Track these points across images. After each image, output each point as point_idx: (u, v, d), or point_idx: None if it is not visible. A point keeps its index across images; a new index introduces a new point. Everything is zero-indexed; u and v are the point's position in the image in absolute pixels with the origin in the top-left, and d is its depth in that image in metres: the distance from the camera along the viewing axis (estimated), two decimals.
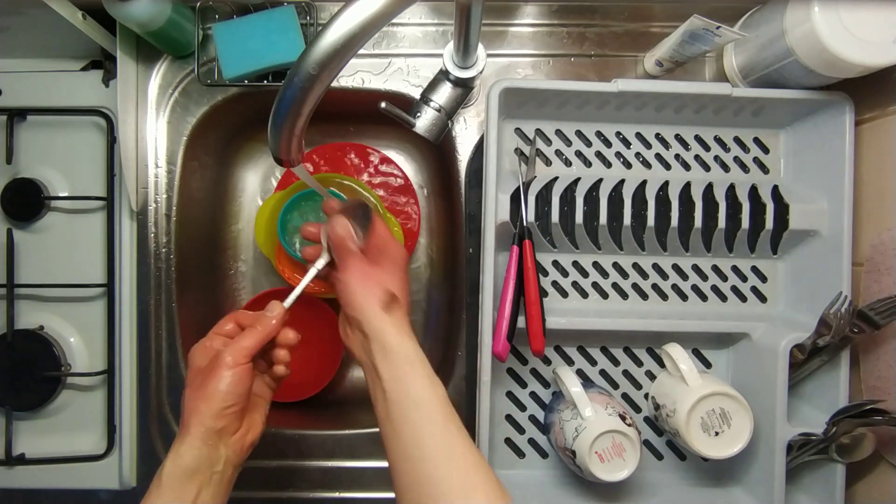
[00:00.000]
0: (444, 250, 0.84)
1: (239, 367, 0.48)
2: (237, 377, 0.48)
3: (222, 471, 0.48)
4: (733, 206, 0.65)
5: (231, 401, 0.48)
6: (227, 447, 0.48)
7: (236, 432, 0.49)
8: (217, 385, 0.47)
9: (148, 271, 0.70)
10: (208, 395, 0.47)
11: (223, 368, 0.47)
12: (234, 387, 0.48)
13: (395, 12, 0.36)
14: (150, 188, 0.71)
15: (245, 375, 0.48)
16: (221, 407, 0.47)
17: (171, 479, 0.46)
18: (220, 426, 0.47)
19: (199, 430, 0.47)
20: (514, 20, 0.71)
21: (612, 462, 0.59)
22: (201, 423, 0.47)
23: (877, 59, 0.53)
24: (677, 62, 0.65)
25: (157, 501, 0.46)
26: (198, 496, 0.47)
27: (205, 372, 0.49)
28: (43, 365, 0.69)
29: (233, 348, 0.48)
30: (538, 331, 0.61)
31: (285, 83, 0.38)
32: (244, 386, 0.49)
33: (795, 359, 0.61)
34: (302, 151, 0.45)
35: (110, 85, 0.70)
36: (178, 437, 0.48)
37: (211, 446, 0.47)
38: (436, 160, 0.83)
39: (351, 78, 0.71)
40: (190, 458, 0.46)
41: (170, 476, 0.46)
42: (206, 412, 0.47)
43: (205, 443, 0.47)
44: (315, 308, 0.77)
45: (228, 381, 0.47)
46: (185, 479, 0.46)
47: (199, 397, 0.48)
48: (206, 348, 0.51)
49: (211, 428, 0.47)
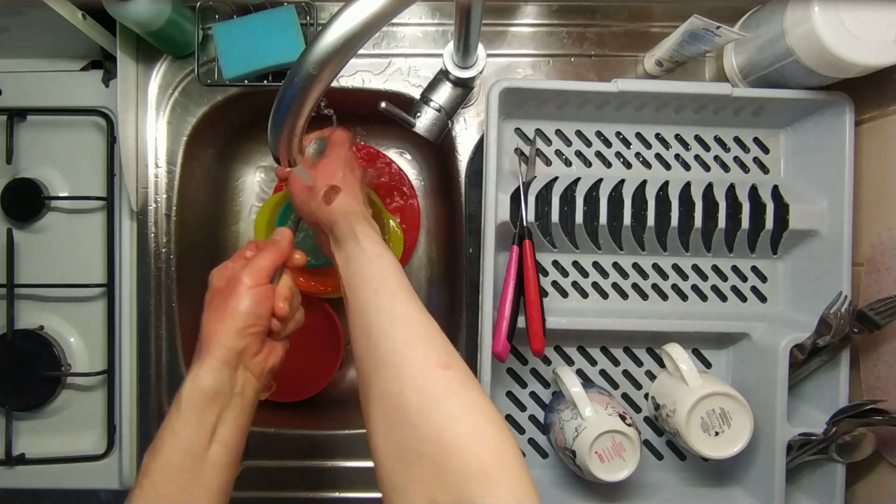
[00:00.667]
0: (444, 250, 0.84)
1: (259, 287, 0.48)
2: (258, 297, 0.48)
3: (243, 393, 0.47)
4: (733, 206, 0.65)
5: (252, 321, 0.47)
6: (247, 369, 0.48)
7: (257, 354, 0.49)
8: (237, 305, 0.47)
9: (148, 271, 0.70)
10: (229, 314, 0.47)
11: (243, 288, 0.47)
12: (255, 307, 0.47)
13: (395, 12, 0.36)
14: (150, 188, 0.71)
15: (265, 296, 0.48)
16: (243, 326, 0.47)
17: (191, 401, 0.45)
18: (242, 346, 0.47)
19: (220, 352, 0.46)
20: (514, 20, 0.71)
21: (612, 462, 0.59)
22: (222, 344, 0.46)
23: (877, 59, 0.53)
24: (677, 62, 0.65)
25: (176, 424, 0.44)
26: (219, 419, 0.45)
27: (224, 293, 0.48)
28: (43, 365, 0.69)
29: (251, 268, 0.49)
30: (538, 331, 0.61)
31: (285, 83, 0.38)
32: (265, 307, 0.48)
33: (795, 359, 0.61)
34: (302, 151, 0.45)
35: (110, 85, 0.70)
36: (196, 361, 0.47)
37: (232, 367, 0.46)
38: (436, 160, 0.83)
39: (351, 78, 0.71)
40: (210, 381, 0.45)
41: (189, 399, 0.45)
42: (228, 332, 0.46)
43: (226, 364, 0.46)
44: (315, 308, 0.77)
45: (249, 301, 0.47)
46: (205, 401, 0.45)
47: (219, 318, 0.47)
48: (226, 269, 0.51)
49: (232, 348, 0.46)
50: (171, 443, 0.44)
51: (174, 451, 0.44)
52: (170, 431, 0.44)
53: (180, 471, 0.43)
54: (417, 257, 0.85)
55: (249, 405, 0.48)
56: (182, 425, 0.44)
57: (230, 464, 0.46)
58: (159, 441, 0.44)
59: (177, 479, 0.43)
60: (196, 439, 0.44)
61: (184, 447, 0.44)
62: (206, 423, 0.45)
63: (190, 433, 0.44)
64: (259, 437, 0.70)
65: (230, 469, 0.46)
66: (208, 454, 0.44)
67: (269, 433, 0.71)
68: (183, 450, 0.44)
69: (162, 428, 0.45)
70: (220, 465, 0.45)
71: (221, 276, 0.50)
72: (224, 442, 0.45)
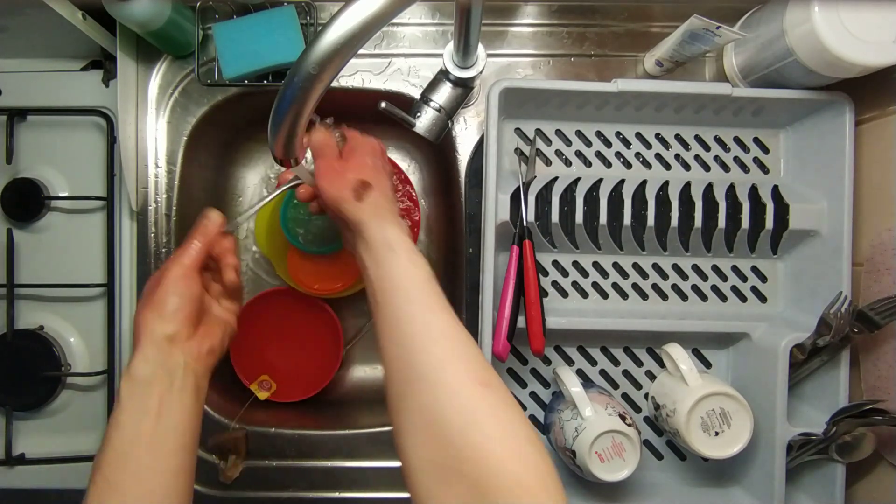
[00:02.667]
0: (444, 250, 0.84)
1: (182, 271, 0.48)
2: (181, 280, 0.48)
3: (183, 378, 0.47)
4: (733, 206, 0.65)
5: (177, 303, 0.47)
6: (182, 353, 0.47)
7: (190, 338, 0.48)
8: (162, 293, 0.47)
9: (148, 271, 0.70)
10: (155, 303, 0.47)
11: (166, 276, 0.48)
12: (179, 289, 0.48)
13: (395, 12, 0.36)
14: (150, 188, 0.71)
15: (189, 278, 0.49)
16: (169, 310, 0.47)
17: (129, 391, 0.45)
18: (171, 331, 0.47)
19: (149, 339, 0.46)
20: (514, 20, 0.71)
21: (612, 462, 0.59)
22: (151, 332, 0.46)
23: (877, 59, 0.53)
24: (677, 62, 0.65)
25: (119, 416, 0.44)
26: (161, 405, 0.45)
27: (152, 286, 0.49)
28: (43, 365, 0.69)
29: (174, 257, 0.49)
30: (538, 331, 0.61)
31: (285, 83, 0.38)
32: (190, 289, 0.48)
33: (795, 359, 0.61)
34: (302, 151, 0.45)
35: (110, 85, 0.70)
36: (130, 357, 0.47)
37: (164, 353, 0.46)
38: (436, 160, 0.83)
39: (351, 78, 0.71)
40: (143, 369, 0.45)
41: (126, 391, 0.45)
42: (155, 318, 0.47)
43: (158, 350, 0.46)
44: (315, 308, 0.77)
45: (172, 285, 0.48)
46: (142, 390, 0.45)
47: (146, 309, 0.47)
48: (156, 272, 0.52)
49: (161, 333, 0.46)
50: (116, 434, 0.44)
51: (121, 442, 0.44)
52: (113, 425, 0.45)
53: (130, 458, 0.44)
54: None
55: (192, 391, 0.48)
56: (123, 416, 0.45)
57: (184, 447, 0.46)
58: (105, 437, 0.44)
59: (127, 468, 0.43)
60: (139, 426, 0.44)
61: (129, 436, 0.44)
62: (147, 410, 0.45)
63: (132, 422, 0.44)
64: (259, 437, 0.70)
65: (185, 452, 0.46)
66: (156, 440, 0.45)
67: (269, 433, 0.71)
68: (129, 439, 0.44)
69: (107, 425, 0.45)
70: (173, 450, 0.45)
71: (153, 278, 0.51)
72: (172, 426, 0.46)
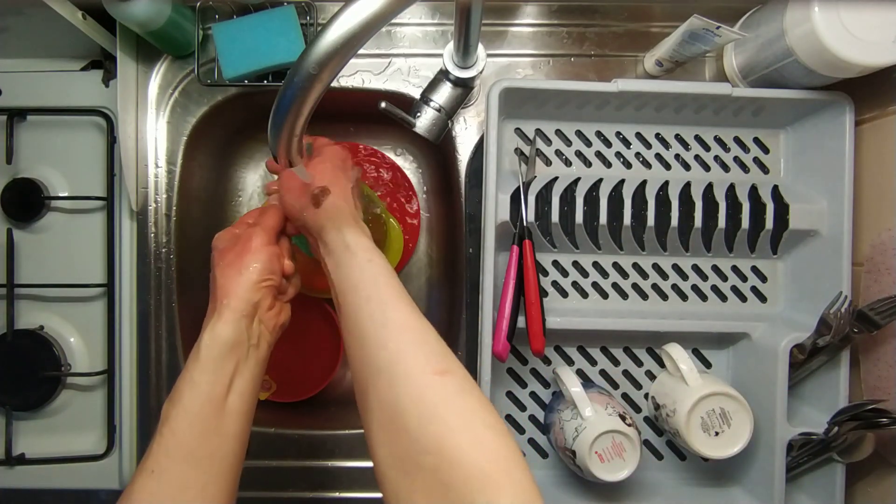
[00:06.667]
0: (444, 250, 0.84)
1: (269, 245, 0.50)
2: (270, 253, 0.50)
3: (258, 345, 0.49)
4: (733, 206, 0.65)
5: (266, 275, 0.49)
6: (261, 322, 0.49)
7: (271, 309, 0.50)
8: (251, 261, 0.49)
9: (148, 271, 0.70)
10: (245, 268, 0.48)
11: (258, 243, 0.50)
12: (268, 263, 0.50)
13: (395, 12, 0.36)
14: (150, 188, 0.71)
15: (275, 253, 0.51)
16: (258, 280, 0.48)
17: (210, 351, 0.46)
18: (257, 299, 0.48)
19: (238, 303, 0.47)
20: (514, 20, 0.71)
21: (612, 462, 0.59)
22: (240, 297, 0.48)
23: (877, 59, 0.53)
24: (677, 62, 0.65)
25: (196, 374, 0.45)
26: (236, 371, 0.47)
27: (236, 251, 0.50)
28: (43, 365, 0.69)
29: (261, 228, 0.51)
30: (538, 331, 0.61)
31: (285, 83, 0.38)
32: (277, 263, 0.51)
33: (795, 359, 0.61)
34: (302, 151, 0.45)
35: (110, 85, 0.70)
36: (211, 316, 0.48)
37: (249, 319, 0.48)
38: (436, 160, 0.83)
39: (351, 78, 0.71)
40: (227, 333, 0.46)
41: (209, 349, 0.46)
42: (245, 284, 0.48)
43: (244, 315, 0.47)
44: (315, 308, 0.77)
45: (264, 256, 0.49)
46: (224, 351, 0.46)
47: (232, 274, 0.48)
48: (231, 233, 0.53)
49: (249, 300, 0.48)
50: (190, 392, 0.45)
51: (193, 400, 0.45)
52: (188, 381, 0.45)
53: (199, 418, 0.44)
54: (417, 257, 0.85)
55: (263, 358, 0.50)
56: (201, 375, 0.45)
57: (246, 412, 0.47)
58: (177, 391, 0.45)
59: (196, 426, 0.44)
60: (215, 388, 0.45)
61: (203, 396, 0.45)
62: (224, 373, 0.46)
63: (209, 382, 0.45)
64: (259, 437, 0.70)
65: (246, 418, 0.48)
66: (226, 403, 0.46)
67: (269, 433, 0.71)
68: (202, 398, 0.45)
69: (180, 379, 0.46)
70: (238, 414, 0.46)
71: (228, 240, 0.52)
72: (241, 392, 0.47)
